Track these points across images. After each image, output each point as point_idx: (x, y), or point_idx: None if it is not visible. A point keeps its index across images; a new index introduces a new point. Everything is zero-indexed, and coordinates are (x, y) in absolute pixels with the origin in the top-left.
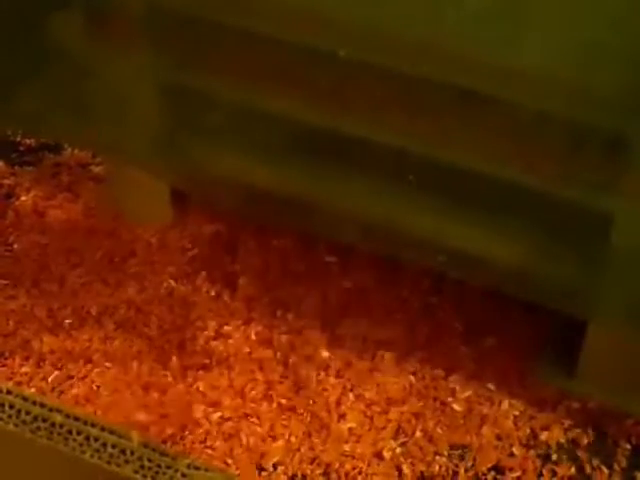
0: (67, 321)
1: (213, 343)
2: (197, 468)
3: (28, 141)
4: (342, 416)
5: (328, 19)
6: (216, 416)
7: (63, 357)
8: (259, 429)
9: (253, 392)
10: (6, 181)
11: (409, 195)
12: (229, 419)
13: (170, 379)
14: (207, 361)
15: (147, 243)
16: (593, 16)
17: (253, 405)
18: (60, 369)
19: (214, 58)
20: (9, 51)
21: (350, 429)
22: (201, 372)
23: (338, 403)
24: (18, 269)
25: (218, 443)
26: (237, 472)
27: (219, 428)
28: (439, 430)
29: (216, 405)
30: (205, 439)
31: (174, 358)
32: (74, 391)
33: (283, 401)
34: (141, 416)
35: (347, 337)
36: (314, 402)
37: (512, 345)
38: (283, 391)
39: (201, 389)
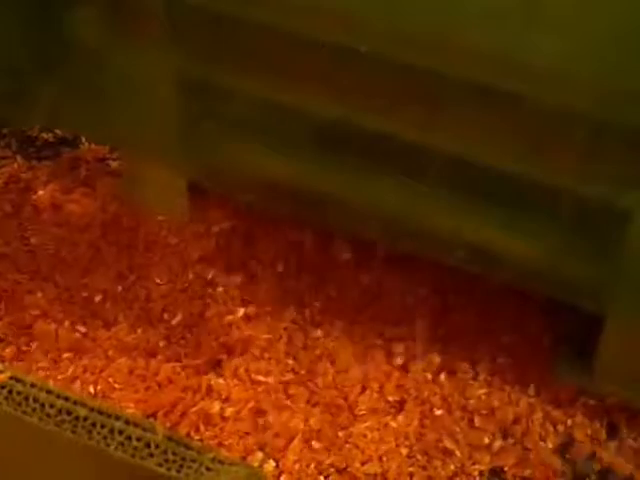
0: (84, 315)
1: (229, 337)
2: (221, 462)
3: (46, 136)
4: (359, 414)
5: (348, 14)
6: (231, 412)
7: (81, 351)
8: (274, 424)
9: (268, 387)
10: (24, 175)
11: (428, 191)
12: (244, 414)
13: (186, 373)
14: (224, 356)
15: (164, 237)
16: (612, 10)
17: (268, 400)
18: (77, 363)
19: (233, 52)
20: (29, 45)
21: (367, 426)
22: (217, 367)
23: (355, 400)
24: (35, 263)
25: (232, 440)
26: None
27: (234, 424)
28: (457, 428)
29: (231, 401)
30: (221, 434)
31: (191, 352)
32: (91, 385)
33: (298, 397)
34: (153, 410)
35: (364, 333)
36: (330, 398)
37: (530, 343)
38: (299, 387)
39: (216, 384)
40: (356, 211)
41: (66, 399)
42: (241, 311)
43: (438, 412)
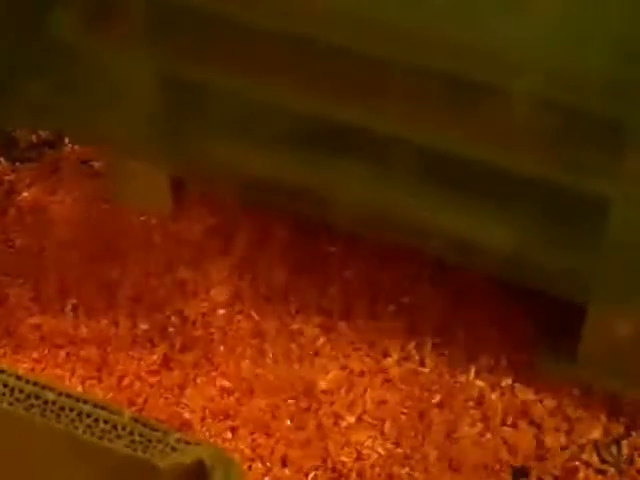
0: (70, 313)
1: (212, 333)
2: (187, 442)
3: (29, 137)
4: (347, 406)
5: (322, 8)
6: (210, 411)
7: (68, 347)
8: (256, 422)
9: (251, 383)
10: (7, 177)
11: (404, 181)
12: (226, 414)
13: (170, 370)
14: (204, 351)
15: (148, 234)
16: (584, 1)
17: (249, 397)
18: (67, 358)
19: (212, 49)
20: (9, 46)
21: (358, 418)
22: (199, 362)
23: (340, 395)
24: (20, 264)
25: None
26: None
27: (213, 423)
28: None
29: (212, 399)
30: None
31: (173, 348)
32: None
33: (283, 397)
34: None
35: (348, 327)
36: (315, 396)
37: (515, 334)
38: (282, 384)
39: (197, 381)
40: (335, 203)
41: (35, 384)
42: (224, 306)
43: (424, 404)
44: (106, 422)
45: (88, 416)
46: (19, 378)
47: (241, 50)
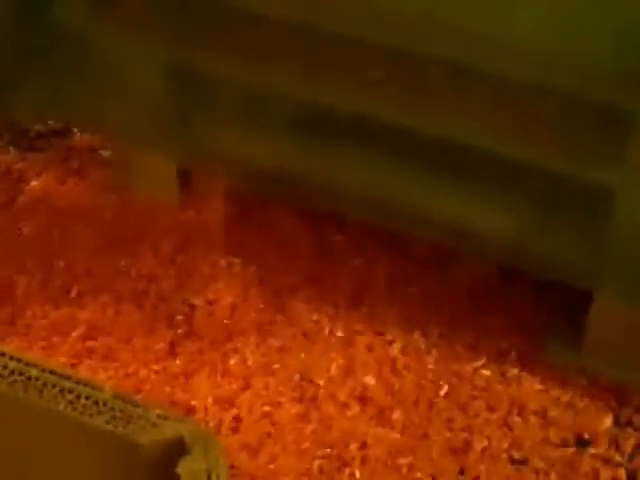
0: (77, 301)
1: (218, 322)
2: (167, 418)
3: (37, 127)
4: (352, 395)
5: None
6: (215, 399)
7: (75, 335)
8: (261, 410)
9: (256, 371)
10: (16, 166)
11: (405, 169)
12: (231, 402)
13: (176, 358)
14: (211, 339)
15: (155, 224)
16: None
17: (255, 385)
18: (74, 346)
19: (218, 37)
20: (16, 36)
21: (363, 407)
22: (205, 351)
23: (346, 386)
24: (28, 253)
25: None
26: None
27: (218, 411)
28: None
29: (218, 387)
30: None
31: (180, 336)
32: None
33: (289, 386)
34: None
35: (354, 315)
36: (321, 385)
37: (521, 324)
38: (288, 372)
39: (203, 369)
40: (339, 191)
41: (19, 360)
42: (231, 295)
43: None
44: (88, 398)
45: (70, 392)
46: (3, 354)
47: (248, 38)
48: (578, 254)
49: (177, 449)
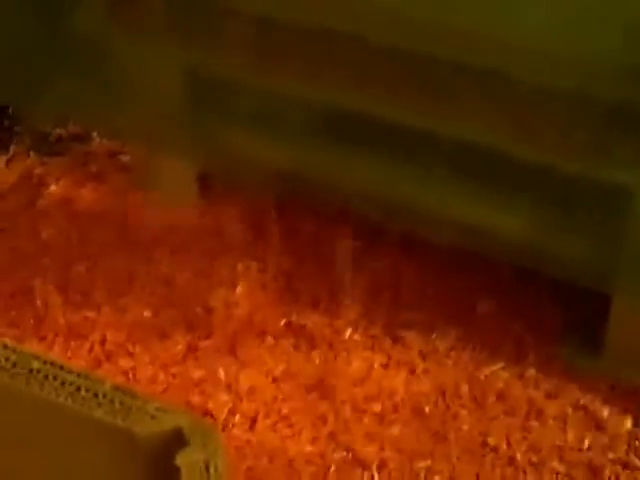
0: (95, 303)
1: (236, 325)
2: (165, 411)
3: (58, 131)
4: (369, 398)
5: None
6: (232, 402)
7: (93, 338)
8: (278, 413)
9: (274, 374)
10: (37, 171)
11: (419, 171)
12: (249, 405)
13: (193, 360)
14: (228, 342)
15: (175, 227)
16: None
17: (272, 388)
18: (92, 348)
19: (236, 43)
20: (39, 42)
21: (382, 410)
22: (222, 354)
23: (363, 387)
24: (46, 256)
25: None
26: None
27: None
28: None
29: (235, 390)
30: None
31: (197, 338)
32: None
33: (306, 388)
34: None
35: (372, 319)
36: (338, 387)
37: (541, 327)
38: (306, 375)
39: (219, 372)
40: (353, 193)
41: (21, 353)
42: (249, 299)
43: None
44: (87, 390)
45: (71, 384)
46: (5, 347)
47: (264, 43)
48: (595, 255)
49: (176, 441)
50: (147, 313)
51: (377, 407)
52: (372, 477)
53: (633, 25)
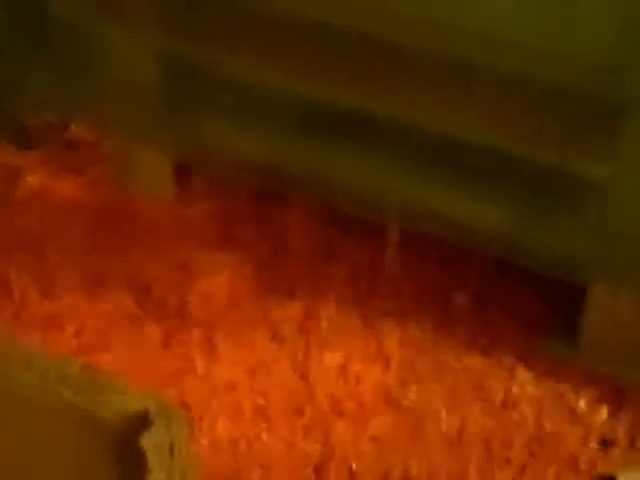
0: (72, 295)
1: (214, 315)
2: (132, 392)
3: (35, 122)
4: (347, 392)
5: None
6: (210, 394)
7: (70, 329)
8: (256, 406)
9: (252, 367)
10: (14, 162)
11: (397, 163)
12: (225, 399)
13: (170, 351)
14: (205, 334)
15: (152, 218)
16: None
17: (250, 381)
18: (70, 339)
19: (215, 33)
20: (16, 29)
21: (359, 404)
22: (199, 345)
23: (340, 381)
24: (22, 248)
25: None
26: None
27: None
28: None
29: (212, 383)
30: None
31: (174, 330)
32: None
33: (284, 380)
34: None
35: (352, 309)
36: (317, 376)
37: (519, 318)
38: (285, 369)
39: (197, 364)
40: (333, 186)
41: None
42: (227, 289)
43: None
44: (56, 371)
45: (39, 365)
46: None
47: (244, 34)
48: (570, 248)
49: (142, 422)
50: (124, 304)
51: (354, 399)
52: (350, 468)
53: (619, 24)
